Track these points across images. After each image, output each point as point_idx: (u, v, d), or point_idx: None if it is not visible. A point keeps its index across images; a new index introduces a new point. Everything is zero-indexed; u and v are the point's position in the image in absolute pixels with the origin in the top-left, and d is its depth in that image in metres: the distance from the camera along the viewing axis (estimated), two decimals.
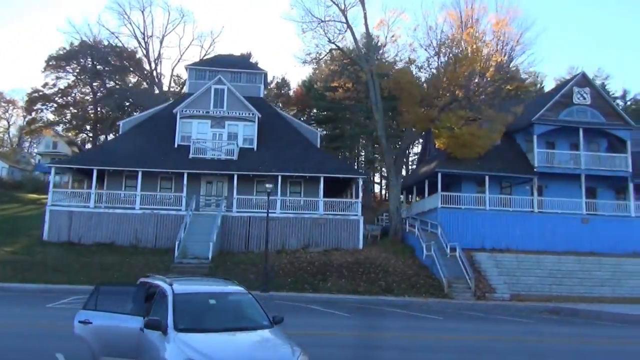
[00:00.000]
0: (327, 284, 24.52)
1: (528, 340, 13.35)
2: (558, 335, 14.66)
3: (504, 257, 28.06)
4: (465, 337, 13.09)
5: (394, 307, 20.21)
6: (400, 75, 28.03)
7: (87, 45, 60.10)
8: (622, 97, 76.74)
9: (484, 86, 28.04)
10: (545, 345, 12.58)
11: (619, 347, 12.90)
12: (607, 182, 33.94)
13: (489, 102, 28.46)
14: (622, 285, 28.10)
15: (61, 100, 63.92)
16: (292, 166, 31.39)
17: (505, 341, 12.95)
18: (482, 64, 27.57)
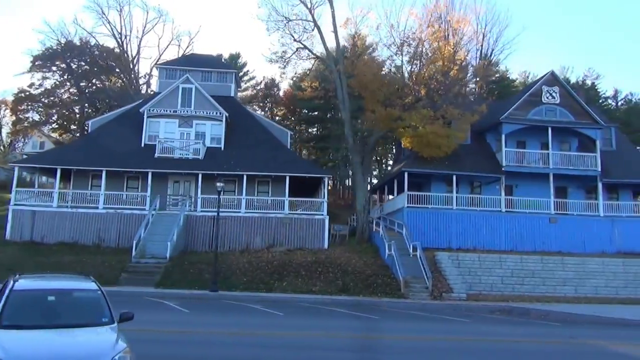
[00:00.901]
0: (282, 283, 24.44)
1: (448, 339, 13.23)
2: (486, 334, 14.52)
3: (465, 256, 27.92)
4: (381, 336, 12.93)
5: (340, 306, 20.08)
6: (363, 74, 27.85)
7: (73, 45, 60.12)
8: (613, 97, 76.56)
9: (447, 85, 27.85)
10: (462, 344, 12.46)
11: (535, 346, 12.75)
12: (578, 182, 33.82)
13: (453, 101, 28.27)
14: (585, 285, 27.95)
15: (47, 101, 64.00)
16: (258, 166, 31.35)
17: (424, 340, 12.83)
18: (445, 63, 27.41)
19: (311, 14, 31.22)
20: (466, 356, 11.06)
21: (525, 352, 11.96)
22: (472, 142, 34.50)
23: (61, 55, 60.47)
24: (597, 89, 74.51)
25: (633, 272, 28.58)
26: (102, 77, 60.48)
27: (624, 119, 70.60)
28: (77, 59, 60.62)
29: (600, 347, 12.84)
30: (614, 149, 35.61)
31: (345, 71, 30.84)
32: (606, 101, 74.99)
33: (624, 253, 31.02)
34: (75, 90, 60.26)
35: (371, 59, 28.08)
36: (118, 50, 52.67)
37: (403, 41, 27.69)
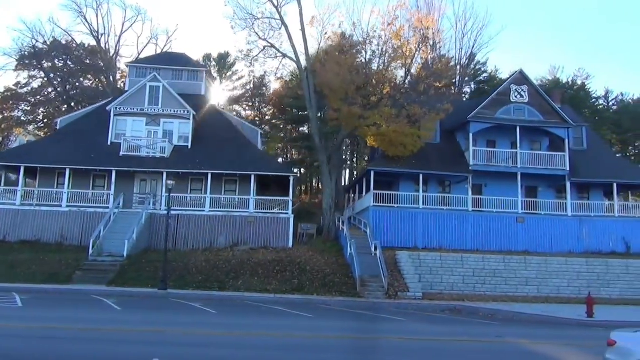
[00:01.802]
0: (237, 282, 24.34)
1: (360, 337, 13.13)
2: (408, 333, 14.29)
3: (427, 255, 27.76)
4: (289, 334, 12.77)
5: (285, 305, 19.92)
6: (326, 72, 27.74)
7: (58, 43, 60.11)
8: (604, 97, 76.25)
9: (411, 84, 27.73)
10: (372, 342, 12.36)
11: (454, 345, 12.63)
12: (548, 181, 33.69)
13: (418, 99, 28.15)
14: (548, 285, 27.79)
15: (33, 99, 64.00)
16: (224, 164, 31.28)
17: (335, 338, 12.71)
18: (406, 61, 27.28)
19: (278, 12, 31.16)
20: (353, 354, 10.95)
21: (439, 350, 11.85)
22: (441, 141, 34.43)
23: (47, 54, 60.54)
24: (587, 89, 74.26)
25: (597, 272, 28.40)
26: (83, 77, 60.50)
27: (614, 119, 70.49)
28: (63, 58, 60.66)
29: (518, 346, 12.75)
30: (585, 148, 35.49)
31: (311, 69, 30.74)
32: (597, 101, 74.79)
33: (591, 253, 30.89)
34: (61, 89, 60.23)
35: (334, 57, 27.84)
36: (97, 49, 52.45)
37: (364, 39, 27.61)
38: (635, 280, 28.61)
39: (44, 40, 55.33)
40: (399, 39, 27.32)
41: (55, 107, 63.62)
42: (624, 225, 32.12)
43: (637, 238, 31.78)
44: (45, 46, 60.29)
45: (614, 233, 31.88)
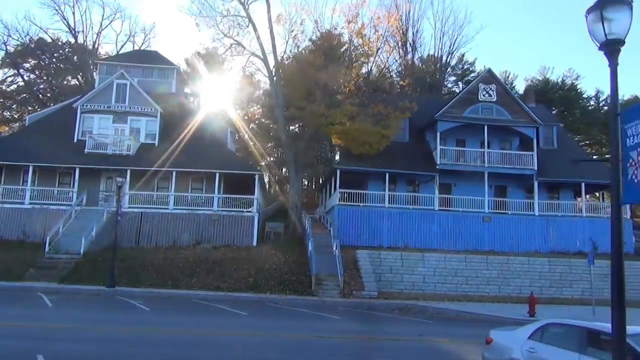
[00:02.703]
0: (192, 280, 24.26)
1: (264, 335, 12.98)
2: (331, 331, 14.18)
3: (388, 254, 27.66)
4: (201, 332, 12.70)
5: (232, 303, 19.89)
6: (290, 70, 27.62)
7: (44, 42, 60.05)
8: (594, 98, 75.99)
9: (374, 81, 27.60)
10: (270, 340, 12.25)
11: (370, 343, 12.59)
12: (517, 181, 33.54)
13: (380, 98, 28.02)
14: (509, 284, 27.71)
15: (20, 98, 63.94)
16: (190, 162, 31.16)
17: (249, 336, 12.63)
18: (368, 59, 27.18)
19: (245, 10, 31.00)
20: (248, 350, 10.89)
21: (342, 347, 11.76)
22: (410, 140, 34.32)
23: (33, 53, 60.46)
24: (577, 89, 74.12)
25: (559, 272, 28.31)
26: (61, 75, 60.41)
27: (603, 119, 70.26)
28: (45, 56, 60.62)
29: (430, 344, 12.71)
30: (556, 147, 35.33)
31: (277, 68, 30.61)
32: (589, 102, 74.59)
33: (558, 253, 30.75)
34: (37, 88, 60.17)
35: (297, 56, 27.72)
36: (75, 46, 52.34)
37: (325, 37, 27.43)
38: (598, 280, 28.42)
39: (20, 38, 55.06)
40: (360, 37, 27.19)
41: (31, 105, 63.62)
42: (591, 225, 31.96)
43: (605, 238, 31.54)
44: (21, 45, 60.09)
45: (581, 233, 31.70)
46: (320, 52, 28.15)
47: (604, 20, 5.11)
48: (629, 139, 4.85)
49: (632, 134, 4.83)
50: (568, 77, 76.93)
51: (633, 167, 4.81)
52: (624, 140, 4.90)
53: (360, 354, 11.09)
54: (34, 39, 60.24)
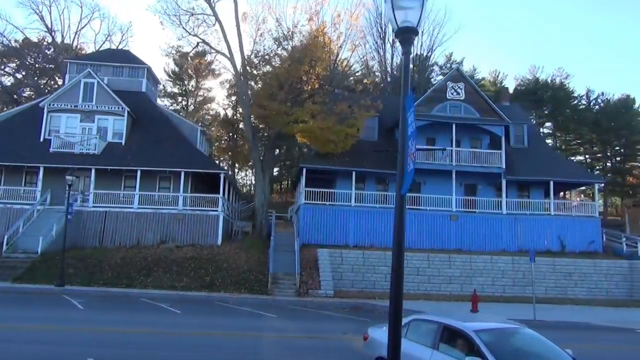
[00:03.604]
0: (148, 279, 24.17)
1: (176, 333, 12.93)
2: (255, 329, 14.11)
3: (349, 253, 27.56)
4: (115, 329, 12.62)
5: (178, 302, 19.77)
6: (253, 69, 27.50)
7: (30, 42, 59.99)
8: (585, 97, 75.84)
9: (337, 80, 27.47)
10: (187, 339, 12.18)
11: (289, 341, 12.46)
12: (487, 179, 33.32)
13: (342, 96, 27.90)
14: (472, 283, 27.57)
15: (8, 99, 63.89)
16: (156, 161, 31.08)
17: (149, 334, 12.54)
18: (327, 57, 27.02)
19: (211, 8, 30.87)
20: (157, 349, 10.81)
21: (254, 346, 11.65)
22: (380, 138, 34.16)
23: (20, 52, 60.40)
24: (567, 88, 74.00)
25: (522, 271, 28.19)
26: (37, 75, 60.34)
27: (593, 118, 70.14)
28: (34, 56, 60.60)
29: (348, 343, 12.53)
30: (526, 146, 35.20)
31: (243, 66, 30.50)
32: (580, 101, 74.41)
33: (526, 251, 30.46)
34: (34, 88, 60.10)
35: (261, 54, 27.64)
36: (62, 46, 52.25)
37: (286, 35, 27.37)
38: (563, 279, 28.42)
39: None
40: (322, 36, 27.06)
41: (11, 106, 63.48)
42: (559, 223, 31.84)
43: (573, 236, 31.50)
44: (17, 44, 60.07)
45: (549, 231, 31.60)
46: (282, 50, 28.05)
47: (397, 8, 5.02)
48: (410, 127, 4.75)
49: (410, 122, 4.73)
50: (558, 76, 76.91)
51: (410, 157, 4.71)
52: (406, 130, 4.80)
53: (251, 351, 10.99)
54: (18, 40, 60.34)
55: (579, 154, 74.53)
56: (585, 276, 28.37)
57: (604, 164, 72.88)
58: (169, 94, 66.81)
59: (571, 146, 74.59)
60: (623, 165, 68.06)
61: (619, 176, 68.41)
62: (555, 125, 74.55)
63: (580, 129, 71.52)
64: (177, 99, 68.20)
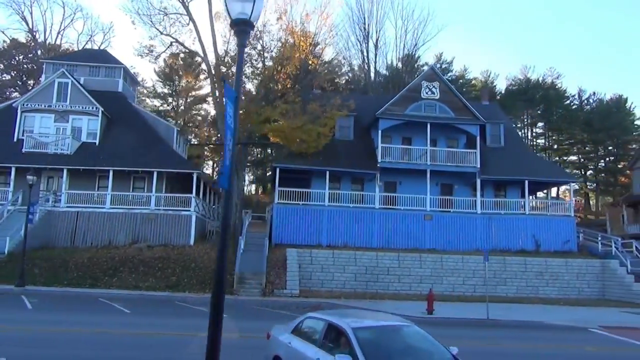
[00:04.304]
0: (112, 279, 24.10)
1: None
2: (185, 328, 14.09)
3: (319, 253, 27.48)
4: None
5: (134, 302, 19.74)
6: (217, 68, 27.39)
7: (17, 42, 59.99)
8: (577, 97, 75.78)
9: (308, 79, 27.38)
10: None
11: (164, 338, 12.43)
12: (463, 179, 33.22)
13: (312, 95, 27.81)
14: (442, 282, 27.54)
15: None
16: (130, 161, 31.01)
17: None
18: (296, 56, 26.91)
19: (185, 7, 30.78)
20: None
21: None
22: (355, 138, 34.08)
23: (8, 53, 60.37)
24: (558, 88, 73.95)
25: (493, 270, 28.07)
26: (18, 75, 60.30)
27: (585, 118, 70.06)
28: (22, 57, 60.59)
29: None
30: (503, 145, 35.09)
31: (217, 65, 30.40)
32: (572, 101, 74.32)
33: (500, 250, 30.48)
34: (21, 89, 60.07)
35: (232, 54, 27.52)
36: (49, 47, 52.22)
37: (254, 35, 27.25)
38: (534, 278, 28.32)
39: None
40: (292, 35, 26.98)
41: None
42: (534, 222, 31.74)
43: (547, 236, 31.40)
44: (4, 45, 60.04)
45: (523, 231, 31.50)
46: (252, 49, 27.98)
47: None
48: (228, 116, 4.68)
49: (229, 114, 4.66)
50: (549, 75, 76.95)
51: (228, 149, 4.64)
52: (226, 116, 4.72)
53: (176, 348, 10.93)
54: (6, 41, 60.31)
55: (571, 153, 74.46)
56: (557, 275, 28.28)
57: (596, 164, 72.83)
58: (159, 95, 66.87)
59: (563, 146, 74.51)
60: (615, 165, 68.02)
61: (611, 176, 68.41)
62: (546, 125, 74.51)
63: (571, 129, 71.43)
64: (167, 99, 68.25)
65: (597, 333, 16.24)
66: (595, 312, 21.91)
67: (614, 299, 26.87)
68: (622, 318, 20.29)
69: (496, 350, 12.66)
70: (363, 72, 49.36)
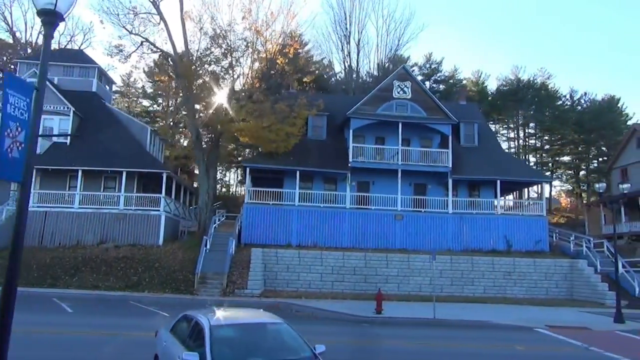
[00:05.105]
0: (72, 279, 24.02)
1: None
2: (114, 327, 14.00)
3: (285, 252, 27.36)
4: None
5: (85, 301, 19.69)
6: (187, 68, 27.33)
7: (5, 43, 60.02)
8: (569, 97, 75.64)
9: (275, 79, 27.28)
10: None
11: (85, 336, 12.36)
12: (437, 179, 33.09)
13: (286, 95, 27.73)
14: (409, 283, 27.42)
15: None
16: (99, 161, 30.95)
17: None
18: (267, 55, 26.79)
19: (155, 7, 30.67)
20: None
21: None
22: (329, 138, 34.00)
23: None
24: (548, 88, 73.84)
25: (461, 270, 27.97)
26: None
27: (577, 119, 69.90)
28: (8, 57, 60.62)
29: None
30: (477, 145, 34.97)
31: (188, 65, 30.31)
32: (564, 102, 74.16)
33: (471, 250, 30.39)
34: None
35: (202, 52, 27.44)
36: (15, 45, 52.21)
37: (219, 34, 27.16)
38: (501, 278, 28.18)
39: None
40: (259, 34, 26.88)
41: None
42: (506, 222, 31.60)
43: (519, 235, 31.26)
44: None
45: (495, 231, 31.36)
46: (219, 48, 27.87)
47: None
48: (10, 106, 4.57)
49: (15, 104, 4.57)
50: (540, 76, 76.86)
51: (10, 138, 4.54)
52: (4, 105, 4.61)
53: (60, 345, 10.92)
54: None
55: (564, 154, 74.27)
56: (524, 275, 28.13)
57: (588, 165, 72.67)
58: (148, 95, 66.81)
59: (555, 146, 74.28)
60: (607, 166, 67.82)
61: (603, 176, 68.20)
62: (538, 125, 74.33)
63: (563, 129, 71.26)
64: (157, 100, 68.18)
65: (541, 332, 16.11)
66: (554, 312, 21.77)
67: (582, 299, 26.72)
68: (577, 318, 20.17)
69: (421, 350, 12.55)
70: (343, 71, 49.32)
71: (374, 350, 12.38)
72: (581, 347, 13.62)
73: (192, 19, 28.86)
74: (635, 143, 40.49)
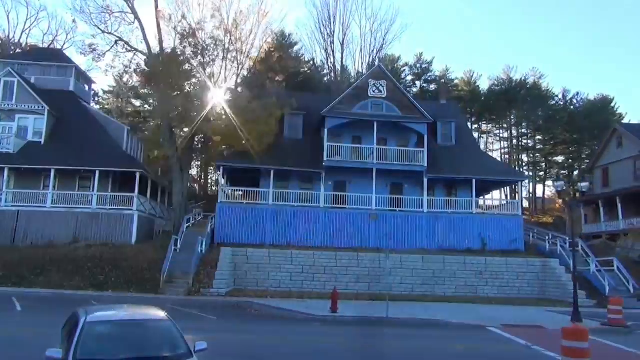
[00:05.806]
0: (38, 278, 23.92)
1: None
2: None
3: (254, 252, 27.25)
4: None
5: (40, 300, 19.59)
6: (158, 67, 27.27)
7: None
8: (562, 97, 75.53)
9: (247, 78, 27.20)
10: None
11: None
12: (413, 178, 32.91)
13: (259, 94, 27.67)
14: (380, 282, 27.21)
15: None
16: (74, 160, 30.89)
17: None
18: (228, 54, 26.74)
19: (129, 6, 30.65)
20: None
21: None
22: (305, 137, 33.91)
23: None
24: (540, 88, 73.73)
25: (432, 269, 27.86)
26: None
27: (569, 118, 69.82)
28: None
29: None
30: (454, 144, 34.87)
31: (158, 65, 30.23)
32: (557, 102, 74.05)
33: (446, 250, 30.30)
34: None
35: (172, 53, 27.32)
36: None
37: (189, 32, 27.07)
38: (472, 277, 28.07)
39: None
40: (227, 32, 26.80)
41: None
42: (481, 222, 31.55)
43: (495, 235, 31.19)
44: None
45: (470, 230, 31.28)
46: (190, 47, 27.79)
47: None
48: None
49: None
50: (532, 76, 76.77)
51: None
52: None
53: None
54: None
55: (556, 154, 74.14)
56: (496, 275, 28.02)
57: (580, 164, 72.56)
58: (139, 95, 66.71)
59: (547, 146, 74.12)
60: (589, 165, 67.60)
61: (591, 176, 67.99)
62: (530, 125, 74.19)
63: (555, 129, 71.14)
64: (148, 100, 68.08)
65: (492, 331, 16.01)
66: (519, 311, 21.68)
67: (553, 298, 26.59)
68: (538, 317, 20.07)
69: (347, 346, 12.46)
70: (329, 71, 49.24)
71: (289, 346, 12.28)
72: (524, 345, 13.52)
73: (165, 17, 28.76)
74: (615, 143, 40.40)
